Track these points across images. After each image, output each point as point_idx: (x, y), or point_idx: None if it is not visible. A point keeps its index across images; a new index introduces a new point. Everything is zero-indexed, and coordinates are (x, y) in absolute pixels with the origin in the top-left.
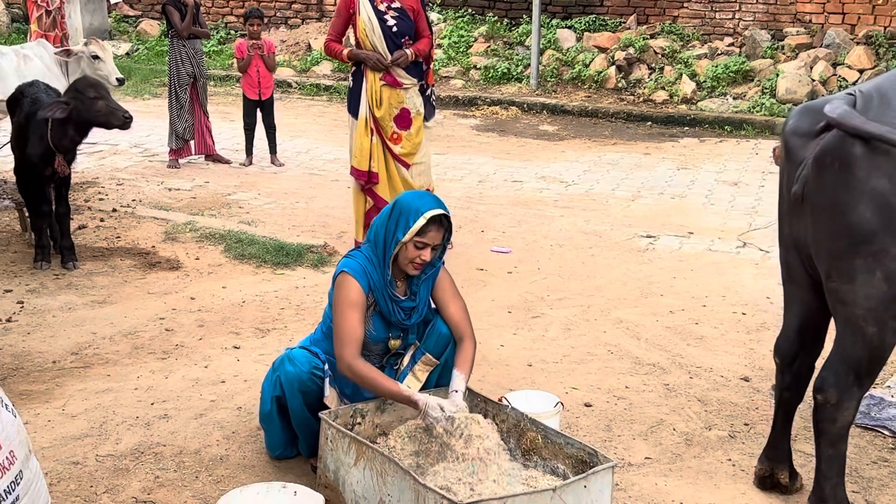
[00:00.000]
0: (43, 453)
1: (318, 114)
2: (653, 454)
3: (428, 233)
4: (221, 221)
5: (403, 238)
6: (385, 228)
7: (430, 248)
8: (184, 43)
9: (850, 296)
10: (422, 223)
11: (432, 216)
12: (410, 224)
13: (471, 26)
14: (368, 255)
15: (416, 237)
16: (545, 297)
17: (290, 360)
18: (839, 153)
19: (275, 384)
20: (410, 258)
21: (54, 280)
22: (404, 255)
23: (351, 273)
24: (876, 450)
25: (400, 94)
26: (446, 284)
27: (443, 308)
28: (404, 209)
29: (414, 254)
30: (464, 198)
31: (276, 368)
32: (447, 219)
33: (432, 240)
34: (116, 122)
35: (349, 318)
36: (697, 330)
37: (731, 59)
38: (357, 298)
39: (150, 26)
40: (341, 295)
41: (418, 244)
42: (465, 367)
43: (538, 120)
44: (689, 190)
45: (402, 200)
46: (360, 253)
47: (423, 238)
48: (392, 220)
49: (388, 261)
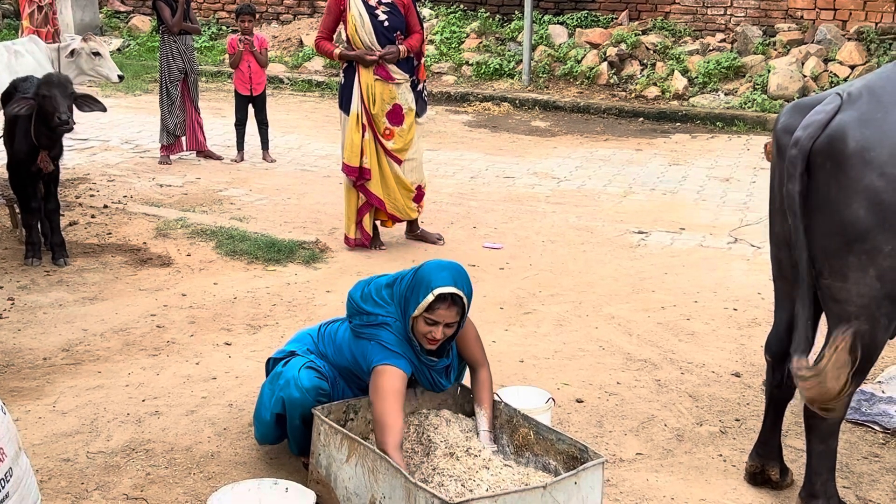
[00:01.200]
0: (34, 450)
1: (310, 110)
2: (644, 450)
3: (437, 310)
4: (213, 218)
5: (413, 313)
6: (404, 298)
7: (443, 325)
8: (175, 39)
9: (843, 293)
10: (430, 300)
11: (441, 294)
12: (420, 300)
13: (463, 22)
14: (400, 335)
15: (425, 313)
16: (537, 293)
17: (298, 385)
18: (831, 152)
19: (277, 402)
20: (422, 333)
21: (45, 277)
22: (417, 329)
23: (394, 363)
24: (867, 445)
25: (392, 89)
26: (470, 336)
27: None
28: (418, 281)
29: (425, 329)
30: (456, 194)
31: (281, 387)
32: (461, 298)
33: (442, 318)
34: (51, 123)
35: (391, 410)
36: (689, 326)
37: (723, 55)
38: (400, 387)
39: (141, 22)
40: (383, 384)
41: (428, 321)
42: (487, 400)
43: (530, 116)
44: (680, 186)
45: (421, 269)
46: (392, 337)
47: (432, 315)
48: (409, 290)
49: (409, 335)
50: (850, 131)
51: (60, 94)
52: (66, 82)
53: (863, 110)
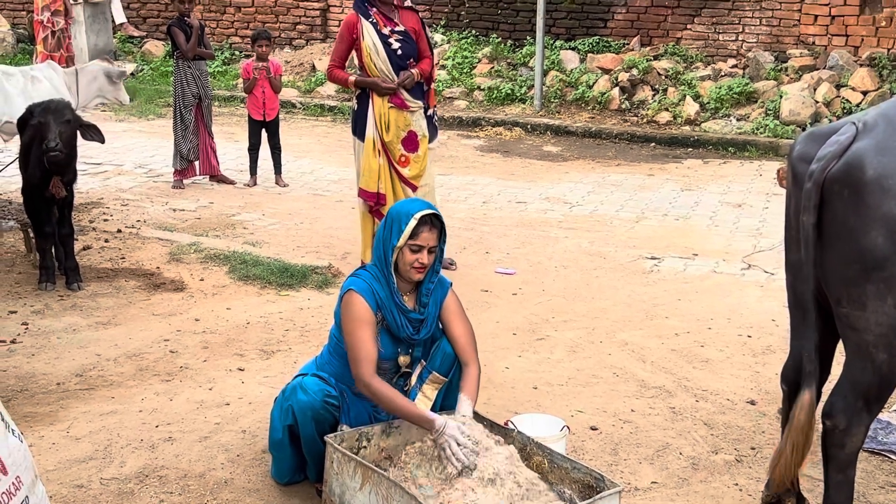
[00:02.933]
0: (47, 476)
1: (323, 134)
2: (659, 478)
3: (420, 234)
4: (226, 242)
5: (398, 243)
6: (382, 240)
7: (427, 250)
8: (189, 64)
9: (861, 322)
10: (413, 224)
11: (422, 216)
12: (403, 228)
13: (475, 47)
14: (374, 273)
15: (409, 240)
16: (550, 319)
17: (303, 388)
18: (848, 180)
19: (286, 413)
20: (409, 262)
21: (59, 301)
22: (403, 261)
23: (358, 291)
24: (884, 474)
25: (407, 116)
26: (453, 306)
27: (448, 329)
28: (395, 216)
29: (412, 258)
30: (468, 219)
31: (287, 397)
32: (439, 219)
33: (426, 241)
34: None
35: (362, 337)
36: (703, 353)
37: (735, 80)
38: (367, 316)
39: (154, 47)
40: (350, 314)
41: (413, 247)
42: (472, 391)
43: (542, 141)
44: (693, 211)
45: (392, 209)
46: (365, 271)
47: (417, 240)
48: (387, 230)
49: (389, 269)
50: (867, 159)
51: (54, 120)
52: (62, 109)
53: (880, 138)
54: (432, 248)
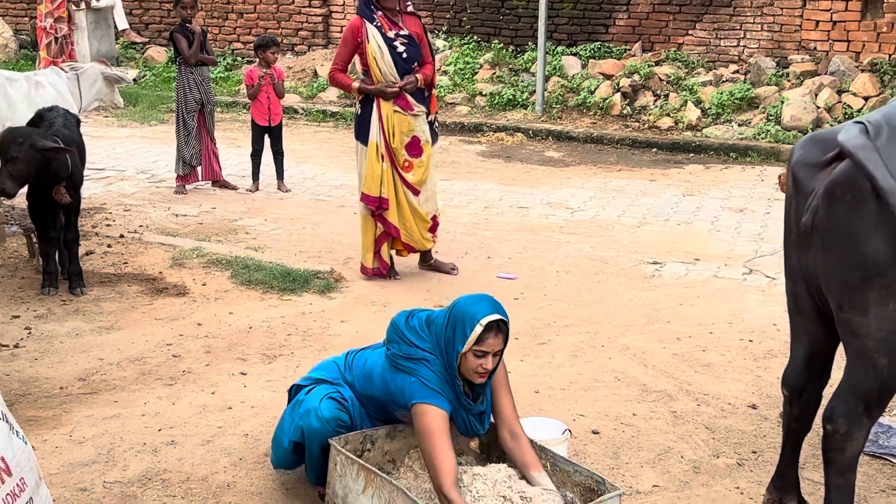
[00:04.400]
0: (50, 479)
1: (325, 140)
2: (661, 482)
3: (486, 340)
4: (228, 247)
5: (462, 349)
6: (445, 339)
7: (491, 354)
8: (191, 70)
9: (863, 327)
10: (479, 332)
11: (489, 323)
12: (468, 334)
13: (476, 53)
14: (440, 373)
15: (474, 346)
16: (552, 324)
17: (318, 416)
18: (851, 185)
19: (296, 431)
20: (473, 368)
21: (62, 306)
22: (466, 365)
23: (435, 403)
24: (885, 478)
25: (410, 121)
26: (501, 378)
27: (494, 400)
28: (459, 317)
29: (475, 363)
30: (470, 224)
31: (301, 415)
32: (506, 324)
33: (491, 347)
34: None
35: (443, 451)
36: (704, 357)
37: (736, 86)
38: (446, 427)
39: (157, 53)
40: (432, 427)
41: (477, 353)
42: (538, 463)
43: (544, 146)
44: (694, 216)
45: (457, 307)
46: (432, 375)
47: (482, 346)
48: (450, 329)
49: (455, 373)
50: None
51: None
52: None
53: (884, 143)
54: (497, 352)
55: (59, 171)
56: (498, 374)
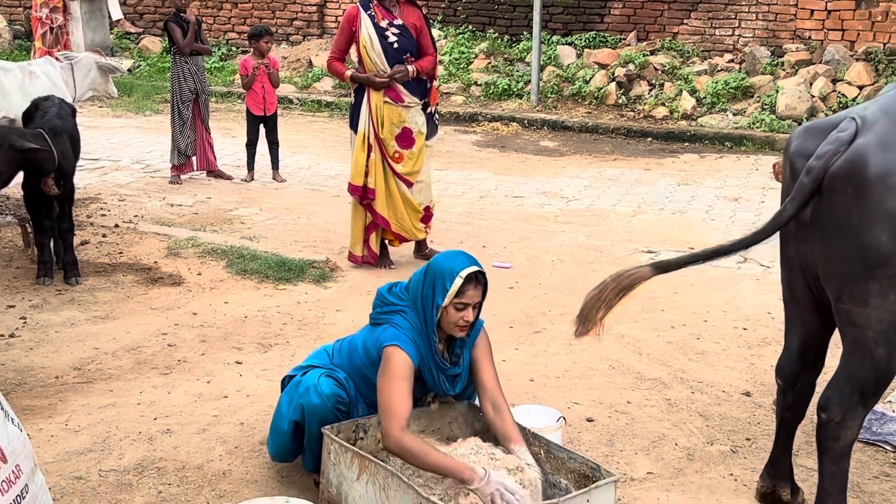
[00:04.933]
0: (46, 468)
1: (320, 130)
2: (655, 469)
3: (466, 292)
4: (223, 237)
5: (443, 303)
6: (422, 294)
7: (472, 307)
8: (186, 59)
9: (863, 318)
10: (459, 284)
11: (468, 274)
12: (448, 287)
13: (471, 43)
14: (415, 325)
15: (455, 299)
16: (547, 312)
17: (318, 391)
18: (851, 177)
19: (296, 409)
20: (454, 321)
21: (57, 296)
22: (447, 319)
23: (402, 346)
24: (878, 464)
25: (401, 112)
26: (484, 347)
27: (477, 370)
28: (438, 272)
29: (456, 316)
30: (465, 213)
31: (300, 394)
32: (483, 275)
33: (471, 298)
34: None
35: (399, 393)
36: (699, 345)
37: (731, 75)
38: (407, 372)
39: (151, 43)
40: (391, 369)
41: (458, 305)
42: (519, 436)
43: (539, 136)
44: (689, 205)
45: (433, 264)
46: (406, 322)
47: (463, 298)
48: (427, 285)
49: (433, 328)
50: (871, 156)
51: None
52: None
53: (882, 134)
54: (476, 304)
55: (43, 165)
56: (480, 346)
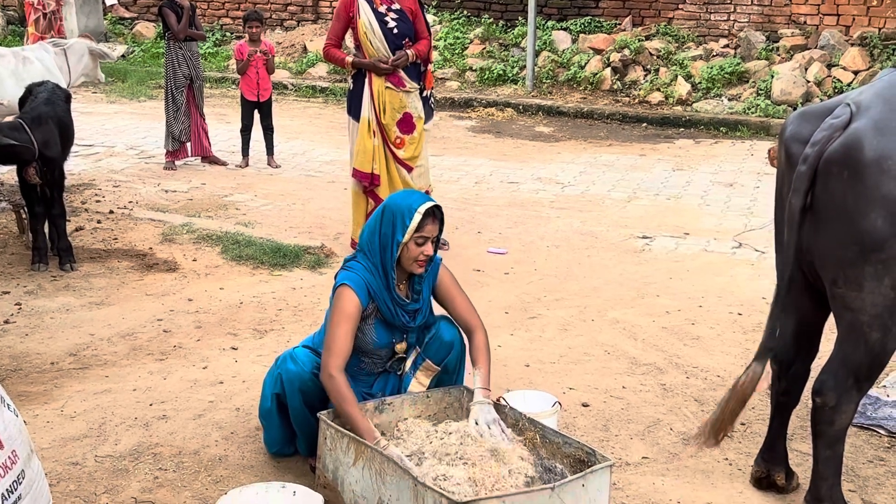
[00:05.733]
0: (42, 454)
1: (314, 115)
2: (650, 454)
3: (425, 227)
4: (218, 223)
5: (404, 238)
6: (380, 234)
7: (430, 240)
8: (180, 45)
9: (857, 303)
10: (418, 219)
11: (426, 210)
12: (407, 223)
13: (466, 28)
14: (367, 265)
15: (415, 234)
16: (542, 298)
17: (293, 358)
18: (847, 161)
19: (276, 381)
20: (414, 257)
21: (52, 282)
22: (407, 255)
23: (350, 285)
24: (872, 449)
25: (402, 97)
26: (447, 280)
27: (448, 304)
28: (396, 210)
29: (416, 251)
30: (460, 199)
31: (277, 366)
32: (439, 209)
33: (430, 232)
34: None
35: (341, 331)
36: (694, 330)
37: (727, 60)
38: (352, 311)
39: (145, 28)
40: (337, 307)
41: (419, 240)
42: (484, 360)
43: (534, 121)
44: (684, 191)
45: (390, 203)
46: (357, 263)
47: (423, 233)
48: (386, 224)
49: (392, 265)
50: (866, 140)
51: None
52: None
53: (877, 119)
54: (434, 239)
55: (22, 155)
56: (444, 280)
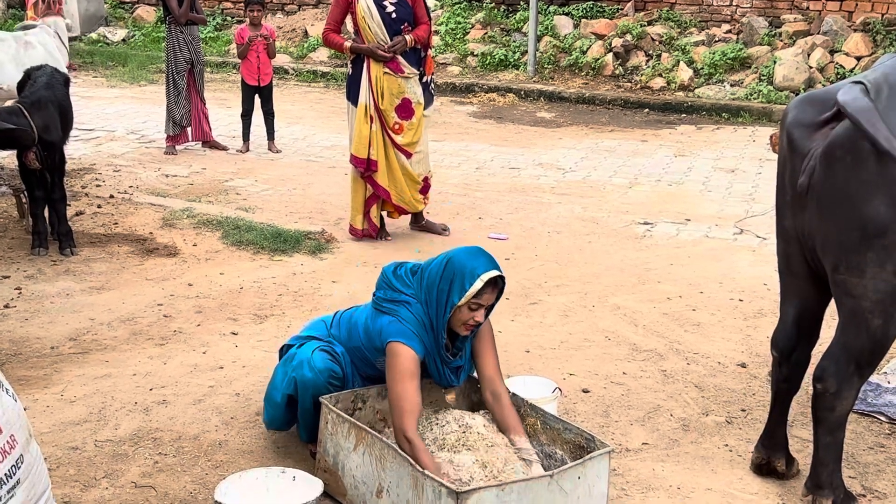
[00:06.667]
0: (41, 438)
1: (315, 100)
2: (650, 440)
3: (483, 295)
4: (219, 208)
5: (459, 302)
6: (438, 290)
7: (484, 308)
8: (181, 29)
9: (859, 289)
10: (479, 287)
11: (490, 279)
12: (467, 287)
13: (468, 13)
14: (420, 318)
15: (472, 300)
16: (543, 284)
17: (311, 366)
18: (851, 146)
19: (289, 383)
20: (464, 320)
21: (52, 266)
22: (457, 317)
23: (407, 343)
24: (872, 435)
25: (401, 83)
26: (487, 336)
27: (478, 359)
28: (458, 270)
29: (468, 316)
30: (461, 185)
31: (293, 367)
32: (503, 280)
33: (487, 301)
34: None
35: (409, 390)
36: (694, 316)
37: (729, 45)
38: (415, 369)
39: (146, 12)
40: (399, 366)
41: (472, 306)
42: (520, 426)
43: (535, 107)
44: (686, 177)
45: (455, 260)
46: (410, 314)
47: (479, 300)
48: (445, 282)
49: (444, 326)
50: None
51: None
52: None
53: (884, 104)
54: (489, 306)
55: (22, 139)
56: (483, 334)
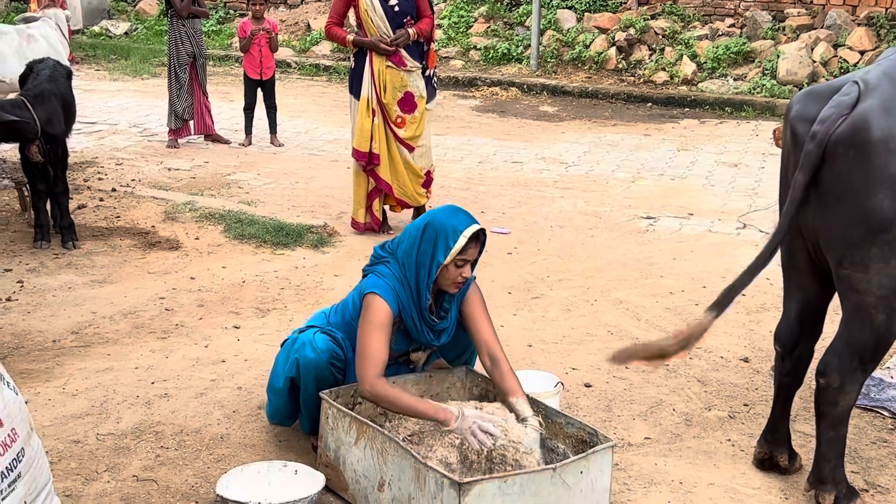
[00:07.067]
0: (43, 432)
1: (318, 94)
2: (652, 434)
3: (468, 250)
4: (221, 201)
5: (445, 260)
6: (419, 251)
7: (470, 263)
8: (183, 23)
9: (863, 284)
10: (463, 242)
11: (473, 233)
12: (451, 245)
13: (471, 6)
14: (398, 276)
15: (458, 256)
16: (545, 278)
17: (312, 346)
18: (854, 141)
19: (291, 365)
20: (452, 278)
21: (54, 259)
22: (445, 276)
23: (381, 295)
24: (875, 430)
25: (403, 76)
26: (476, 300)
27: (471, 324)
28: (440, 230)
29: (455, 273)
30: (464, 178)
31: (295, 349)
32: (484, 233)
33: (472, 255)
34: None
35: (375, 340)
36: (697, 311)
37: (732, 40)
38: (385, 320)
39: (148, 5)
40: (369, 316)
41: (459, 262)
42: (519, 389)
43: (538, 101)
44: (689, 171)
45: (435, 221)
46: (388, 270)
47: (465, 256)
48: (427, 242)
49: (427, 286)
50: (873, 120)
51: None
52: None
53: (885, 98)
54: (474, 261)
55: (25, 132)
56: (473, 299)
